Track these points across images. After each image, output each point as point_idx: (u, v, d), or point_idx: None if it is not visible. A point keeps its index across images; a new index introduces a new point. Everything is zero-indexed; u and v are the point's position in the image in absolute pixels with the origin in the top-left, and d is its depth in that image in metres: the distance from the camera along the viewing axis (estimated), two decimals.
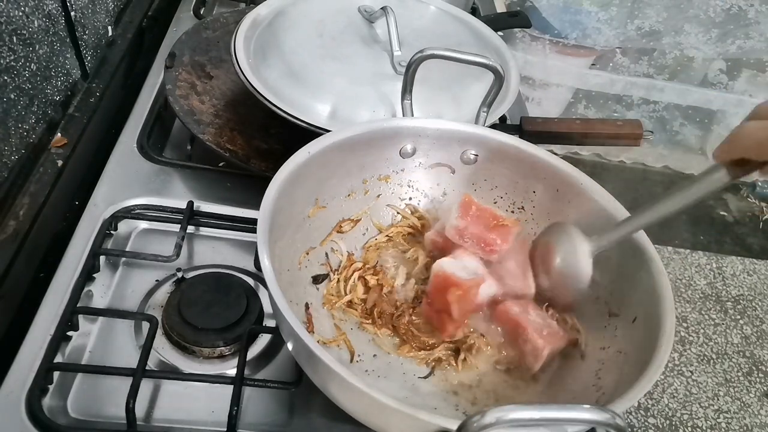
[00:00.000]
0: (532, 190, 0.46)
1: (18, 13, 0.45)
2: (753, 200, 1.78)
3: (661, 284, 0.37)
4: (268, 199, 0.37)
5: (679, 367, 1.30)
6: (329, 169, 0.43)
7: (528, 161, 0.45)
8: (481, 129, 0.47)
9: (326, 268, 0.45)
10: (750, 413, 1.24)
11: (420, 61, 0.45)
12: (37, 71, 0.49)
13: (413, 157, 0.47)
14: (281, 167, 0.39)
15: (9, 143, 0.46)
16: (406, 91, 0.46)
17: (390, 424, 0.32)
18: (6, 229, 0.44)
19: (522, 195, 0.47)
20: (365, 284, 0.45)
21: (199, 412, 0.40)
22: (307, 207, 0.43)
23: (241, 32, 0.54)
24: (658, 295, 0.37)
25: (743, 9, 1.44)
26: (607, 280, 0.41)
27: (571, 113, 1.64)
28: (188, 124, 0.54)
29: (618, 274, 0.41)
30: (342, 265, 0.45)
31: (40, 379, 0.38)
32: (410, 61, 0.45)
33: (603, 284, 0.41)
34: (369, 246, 0.47)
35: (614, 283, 0.41)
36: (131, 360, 0.40)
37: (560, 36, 1.44)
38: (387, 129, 0.45)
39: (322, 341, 0.41)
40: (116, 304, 0.45)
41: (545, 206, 0.46)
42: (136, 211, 0.50)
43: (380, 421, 0.33)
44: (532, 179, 0.46)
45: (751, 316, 1.43)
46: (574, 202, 0.44)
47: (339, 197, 0.46)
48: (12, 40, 0.45)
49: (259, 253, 0.34)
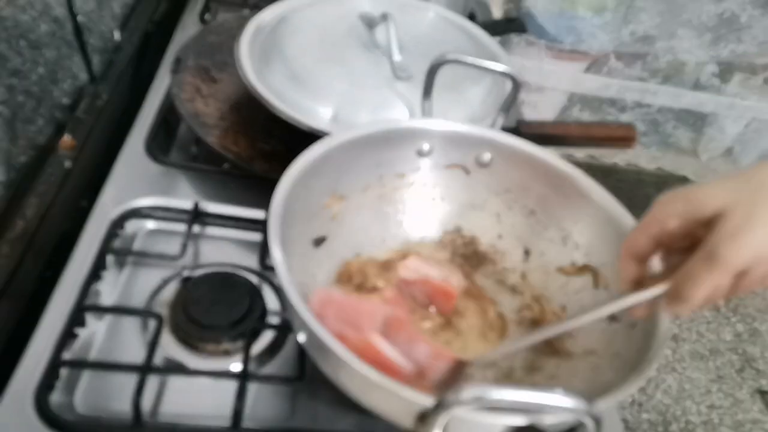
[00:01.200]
0: (543, 195, 0.47)
1: (25, 17, 0.46)
2: None
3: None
4: (282, 191, 0.38)
5: (672, 364, 1.31)
6: (346, 163, 0.44)
7: (541, 167, 0.46)
8: (496, 133, 0.48)
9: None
10: (742, 409, 1.25)
11: (440, 65, 0.46)
12: (44, 75, 0.50)
13: (429, 156, 0.48)
14: (294, 160, 0.40)
15: (17, 145, 0.47)
16: (426, 93, 0.48)
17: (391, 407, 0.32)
18: (15, 228, 0.45)
19: (534, 199, 0.47)
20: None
21: (204, 408, 0.41)
22: (323, 198, 0.44)
23: (245, 37, 0.55)
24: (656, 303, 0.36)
25: (736, 14, 1.46)
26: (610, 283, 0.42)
27: (567, 116, 1.65)
28: (194, 127, 0.55)
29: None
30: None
31: (48, 375, 0.39)
32: (431, 65, 0.47)
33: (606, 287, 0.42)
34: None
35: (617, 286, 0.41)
36: (138, 357, 0.40)
37: (556, 41, 1.46)
38: (407, 128, 0.47)
39: None
40: (123, 301, 0.46)
41: (555, 212, 0.47)
42: (143, 212, 0.51)
43: (389, 407, 0.33)
44: (544, 184, 0.47)
45: (743, 314, 1.45)
46: (583, 210, 0.45)
47: (355, 192, 0.46)
48: (20, 44, 0.45)
49: (270, 242, 0.35)
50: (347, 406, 0.37)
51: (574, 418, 0.27)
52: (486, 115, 0.55)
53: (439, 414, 0.28)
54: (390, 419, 0.33)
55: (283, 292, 0.34)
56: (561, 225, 0.47)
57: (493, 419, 0.29)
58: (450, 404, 0.27)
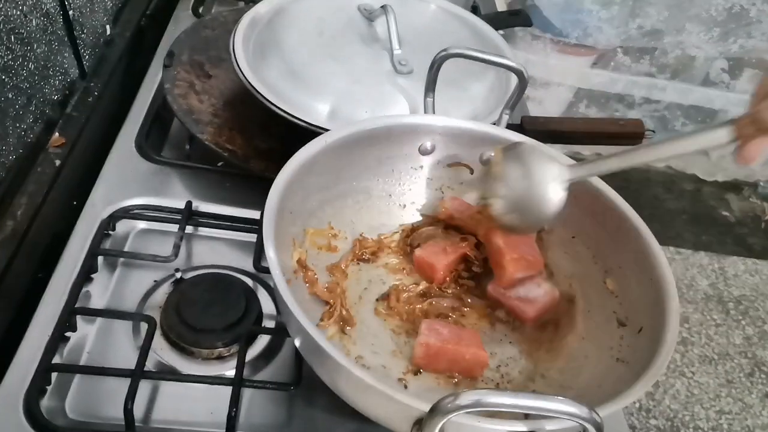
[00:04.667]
0: None
1: (16, 12, 0.45)
2: (755, 200, 1.77)
3: (668, 294, 0.37)
4: (277, 190, 0.37)
5: (681, 368, 1.29)
6: (346, 160, 0.43)
7: None
8: (502, 130, 0.47)
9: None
10: (752, 414, 1.24)
11: (444, 60, 0.45)
12: (34, 70, 0.49)
13: (432, 154, 0.47)
14: (292, 157, 0.39)
15: (6, 143, 0.46)
16: (429, 89, 0.46)
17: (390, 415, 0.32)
18: (4, 229, 0.44)
19: None
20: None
21: (198, 414, 0.40)
22: (319, 195, 0.43)
23: (240, 31, 0.54)
24: (665, 307, 0.36)
25: (745, 8, 1.44)
26: (618, 290, 0.41)
27: (573, 112, 1.63)
28: (187, 124, 0.54)
29: (629, 283, 0.41)
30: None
31: (38, 380, 0.38)
32: (434, 59, 0.45)
33: (614, 293, 0.41)
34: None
35: (624, 293, 0.41)
36: (130, 361, 0.40)
37: (561, 35, 1.44)
38: (408, 125, 0.46)
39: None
40: (114, 304, 0.45)
41: (561, 211, 0.46)
42: (135, 211, 0.50)
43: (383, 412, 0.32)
44: None
45: (753, 317, 1.43)
46: (590, 208, 0.44)
47: (354, 190, 0.46)
48: (10, 39, 0.45)
49: (264, 242, 0.34)
50: (344, 412, 0.37)
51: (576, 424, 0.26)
52: (489, 112, 0.54)
53: (436, 420, 0.27)
54: (387, 425, 0.32)
55: (278, 294, 0.33)
56: (567, 224, 0.46)
57: (491, 426, 0.28)
58: (447, 410, 0.26)
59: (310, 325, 0.31)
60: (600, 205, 0.44)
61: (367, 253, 0.46)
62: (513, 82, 0.56)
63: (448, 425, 0.27)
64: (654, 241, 0.40)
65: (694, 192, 1.75)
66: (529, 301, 0.43)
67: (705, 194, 1.75)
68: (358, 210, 0.47)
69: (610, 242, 0.43)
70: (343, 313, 0.42)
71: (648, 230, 0.41)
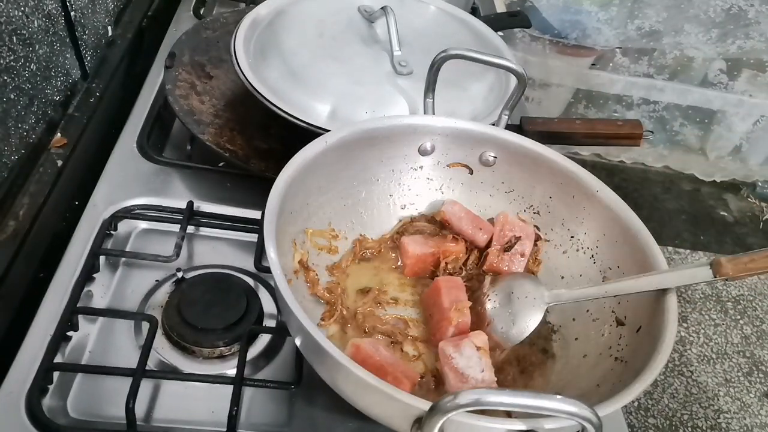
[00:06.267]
0: (548, 195, 0.46)
1: (18, 13, 0.45)
2: (753, 200, 1.78)
3: (666, 293, 0.37)
4: (278, 190, 0.37)
5: (679, 368, 1.30)
6: (346, 160, 0.44)
7: (546, 166, 0.45)
8: (501, 131, 0.47)
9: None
10: (750, 413, 1.24)
11: (443, 61, 0.45)
12: (36, 71, 0.49)
13: (432, 154, 0.47)
14: (293, 157, 0.39)
15: (9, 143, 0.46)
16: (428, 90, 0.46)
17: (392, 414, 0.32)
18: (6, 229, 0.44)
19: (539, 199, 0.47)
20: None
21: (199, 413, 0.40)
22: (319, 195, 0.43)
23: (241, 32, 0.54)
24: (663, 307, 0.36)
25: (743, 9, 1.44)
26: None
27: (571, 113, 1.64)
28: (188, 124, 0.54)
29: None
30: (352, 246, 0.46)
31: (40, 379, 0.38)
32: (434, 60, 0.45)
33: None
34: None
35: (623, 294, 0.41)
36: (131, 360, 0.40)
37: (560, 36, 1.44)
38: (408, 125, 0.46)
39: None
40: (116, 304, 0.45)
41: (560, 212, 0.46)
42: (136, 211, 0.50)
43: (384, 412, 0.33)
44: (549, 184, 0.46)
45: (751, 316, 1.43)
46: (588, 210, 0.44)
47: (354, 190, 0.46)
48: (12, 40, 0.45)
49: (265, 241, 0.34)
50: (344, 411, 0.37)
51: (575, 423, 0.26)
52: (489, 113, 0.54)
53: (436, 418, 0.27)
54: (387, 424, 0.32)
55: (279, 294, 0.33)
56: (566, 225, 0.46)
57: (490, 424, 0.28)
58: (447, 408, 0.26)
59: (311, 324, 0.32)
60: (598, 205, 0.44)
61: (367, 253, 0.46)
62: (512, 82, 0.56)
63: (447, 424, 0.27)
64: (652, 240, 0.40)
65: (693, 192, 1.75)
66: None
67: (704, 194, 1.75)
68: (358, 210, 0.47)
69: (609, 242, 0.43)
70: (344, 312, 0.42)
71: (646, 230, 0.41)
